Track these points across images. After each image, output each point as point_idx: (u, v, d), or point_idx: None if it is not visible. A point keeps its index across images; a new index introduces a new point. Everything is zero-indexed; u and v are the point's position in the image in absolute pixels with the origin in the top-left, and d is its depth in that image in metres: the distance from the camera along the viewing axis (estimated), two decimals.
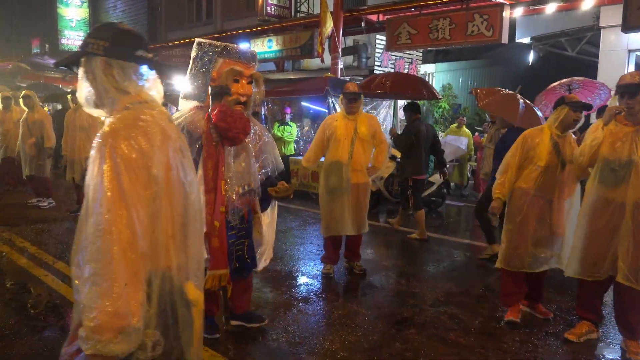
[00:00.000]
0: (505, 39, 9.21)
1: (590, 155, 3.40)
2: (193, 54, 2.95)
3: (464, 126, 10.73)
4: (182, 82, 11.14)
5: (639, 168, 3.21)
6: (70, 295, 4.14)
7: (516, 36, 11.02)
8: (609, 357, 3.43)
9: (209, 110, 2.88)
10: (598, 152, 3.37)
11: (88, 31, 18.58)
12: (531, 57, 11.76)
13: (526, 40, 11.61)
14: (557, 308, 4.23)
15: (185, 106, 3.04)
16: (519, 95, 5.56)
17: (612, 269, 3.38)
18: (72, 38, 22.00)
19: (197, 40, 2.99)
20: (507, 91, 5.82)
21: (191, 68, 2.97)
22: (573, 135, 3.89)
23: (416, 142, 6.37)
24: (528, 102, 5.48)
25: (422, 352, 3.35)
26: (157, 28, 19.63)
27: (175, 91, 14.22)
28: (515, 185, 3.83)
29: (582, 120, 3.77)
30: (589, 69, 10.59)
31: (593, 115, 9.02)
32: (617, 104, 3.34)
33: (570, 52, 11.68)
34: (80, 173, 6.92)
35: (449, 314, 4.02)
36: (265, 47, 13.61)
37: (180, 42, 16.62)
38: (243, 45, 15.14)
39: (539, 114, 5.36)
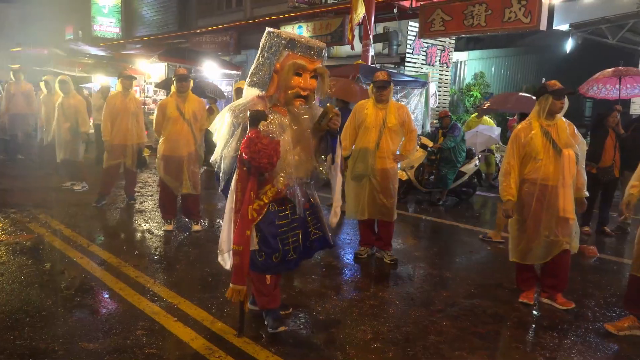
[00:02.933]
0: (543, 25, 8.92)
1: None
2: (262, 42, 2.95)
3: (485, 117, 10.38)
4: (211, 68, 11.16)
5: None
6: (105, 278, 4.20)
7: (554, 23, 10.64)
8: None
9: (247, 134, 2.84)
10: None
11: (120, 17, 18.77)
12: (569, 45, 11.34)
13: (564, 27, 11.19)
14: (596, 304, 4.09)
15: (249, 94, 3.03)
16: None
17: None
18: (105, 24, 22.30)
19: (267, 29, 2.97)
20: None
21: (258, 57, 2.96)
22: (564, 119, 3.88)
23: None
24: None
25: (457, 345, 3.28)
26: (188, 14, 19.70)
27: (205, 78, 14.31)
28: (521, 179, 3.87)
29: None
30: (630, 57, 10.19)
31: (634, 106, 8.69)
32: None
33: (611, 40, 11.23)
34: (132, 158, 6.91)
35: (483, 307, 3.93)
36: (296, 33, 13.52)
37: (211, 28, 16.68)
38: None
39: None
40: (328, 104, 3.15)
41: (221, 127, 3.02)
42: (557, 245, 3.84)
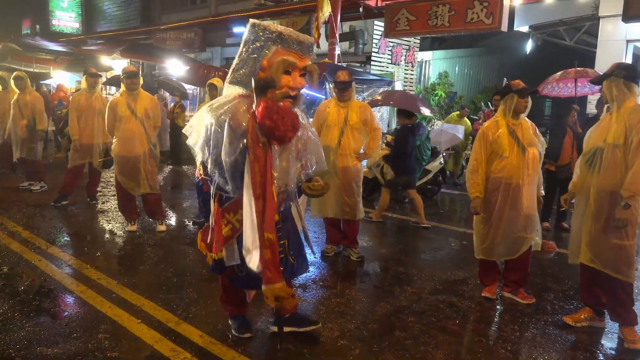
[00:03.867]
0: (504, 27, 9.14)
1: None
2: (245, 36, 2.67)
3: (465, 118, 10.64)
4: (176, 66, 10.92)
5: (604, 154, 3.32)
6: (65, 281, 4.08)
7: (515, 24, 10.93)
8: (611, 346, 3.42)
9: (254, 107, 2.56)
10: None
11: (80, 12, 18.28)
12: (529, 46, 11.69)
13: (524, 28, 11.53)
14: (555, 297, 4.23)
15: (230, 92, 2.74)
16: None
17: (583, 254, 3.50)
18: (64, 19, 21.65)
19: (251, 21, 2.67)
20: None
21: (241, 51, 2.68)
22: (528, 121, 4.00)
23: None
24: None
25: (422, 340, 3.33)
26: (151, 10, 19.31)
27: (170, 75, 14.06)
28: (486, 177, 3.97)
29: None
30: (586, 59, 10.55)
31: (590, 106, 9.02)
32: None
33: (568, 42, 11.64)
34: (98, 158, 6.71)
35: (447, 302, 4.01)
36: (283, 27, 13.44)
37: (175, 24, 16.39)
38: (238, 30, 14.98)
39: None
40: (326, 185, 2.98)
41: (199, 130, 2.74)
42: (523, 242, 3.93)
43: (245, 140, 2.58)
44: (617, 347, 3.41)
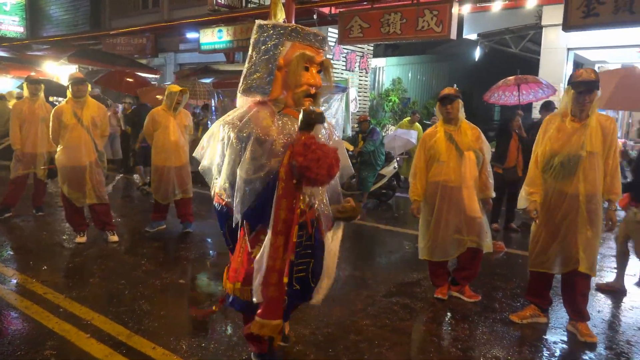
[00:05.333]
0: (454, 34, 9.41)
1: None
2: (253, 38, 2.45)
3: (417, 123, 10.89)
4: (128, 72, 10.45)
5: (587, 161, 3.39)
6: (8, 297, 3.91)
7: (464, 32, 11.30)
8: (554, 340, 3.58)
9: (294, 141, 2.29)
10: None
11: (25, 16, 17.50)
12: (477, 53, 12.09)
13: (473, 36, 11.94)
14: (503, 295, 4.38)
15: (244, 102, 2.51)
16: None
17: (566, 261, 3.55)
18: (7, 23, 20.72)
19: (258, 22, 2.47)
20: None
21: (251, 55, 2.45)
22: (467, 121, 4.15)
23: None
24: None
25: (376, 342, 3.39)
26: (101, 15, 18.80)
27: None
28: (427, 182, 4.10)
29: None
30: (531, 65, 11.01)
31: (535, 111, 9.42)
32: (569, 99, 3.46)
33: (514, 49, 12.10)
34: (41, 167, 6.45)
35: (401, 304, 4.08)
36: (215, 37, 13.31)
37: (126, 30, 16.00)
38: (191, 36, 14.79)
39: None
40: (358, 206, 2.68)
41: (215, 148, 2.50)
42: (462, 244, 4.07)
43: (269, 162, 2.34)
44: (566, 340, 3.56)
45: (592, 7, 7.75)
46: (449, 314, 3.99)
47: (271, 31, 2.40)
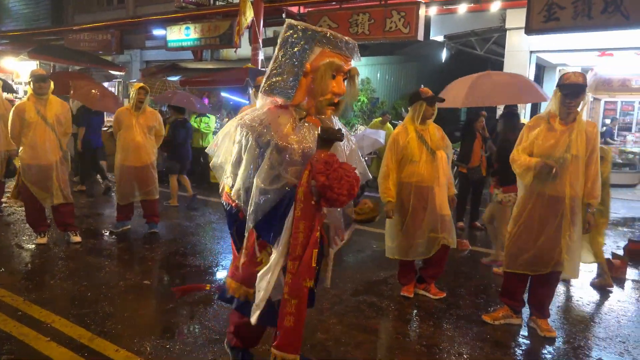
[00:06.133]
0: (421, 36, 9.57)
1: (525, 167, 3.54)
2: (281, 38, 2.33)
3: (388, 123, 10.96)
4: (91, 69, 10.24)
5: (572, 164, 3.43)
6: None
7: (431, 34, 11.47)
8: (515, 335, 3.67)
9: (312, 159, 2.21)
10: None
11: None
12: (444, 54, 12.30)
13: (440, 38, 12.13)
14: (467, 292, 4.48)
15: (264, 103, 2.40)
16: None
17: (546, 263, 3.56)
18: None
19: (288, 21, 2.35)
20: None
21: (277, 56, 2.33)
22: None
23: None
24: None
25: (342, 341, 3.41)
26: (63, 10, 18.28)
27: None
28: (399, 182, 4.11)
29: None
30: (495, 67, 11.26)
31: (499, 111, 9.64)
32: (557, 101, 3.46)
33: (479, 51, 12.36)
34: (0, 167, 6.20)
35: (368, 303, 4.12)
36: (183, 34, 13.14)
37: (90, 25, 15.63)
38: (158, 32, 14.54)
39: None
40: (376, 206, 2.59)
41: (229, 147, 2.41)
42: (437, 242, 4.12)
43: (286, 172, 2.26)
44: (527, 335, 3.66)
45: (553, 11, 8.00)
46: (414, 311, 4.05)
47: (301, 33, 2.28)
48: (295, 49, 2.28)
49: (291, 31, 2.30)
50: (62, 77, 11.60)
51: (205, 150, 2.66)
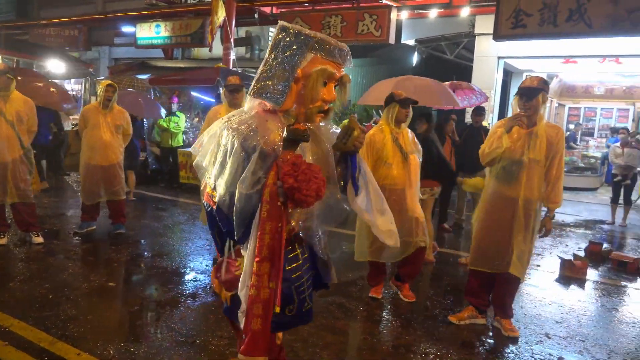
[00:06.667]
0: (392, 39, 9.67)
1: (493, 157, 3.63)
2: (274, 40, 2.22)
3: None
4: (57, 65, 10.13)
5: (528, 168, 3.52)
6: None
7: (402, 38, 11.61)
8: (480, 335, 3.74)
9: (278, 160, 2.16)
10: (498, 157, 3.62)
11: None
12: (415, 58, 12.47)
13: (411, 42, 12.29)
14: (435, 293, 4.54)
15: (251, 105, 2.30)
16: None
17: (500, 263, 3.67)
18: None
19: (281, 23, 2.25)
20: None
21: (268, 59, 2.24)
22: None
23: None
24: None
25: (310, 342, 3.41)
26: (28, 4, 17.75)
27: (51, 73, 13.02)
28: None
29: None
30: (464, 72, 11.49)
31: (467, 115, 9.82)
32: (516, 105, 3.58)
33: (449, 56, 12.58)
34: None
35: (337, 304, 4.13)
36: (153, 32, 12.93)
37: (56, 20, 15.23)
38: (127, 29, 14.27)
39: None
40: (351, 115, 2.43)
41: (214, 149, 2.31)
42: (411, 245, 4.12)
43: (265, 177, 2.18)
44: (492, 335, 3.74)
45: (520, 18, 8.20)
46: (382, 312, 4.08)
47: (294, 37, 2.20)
48: (287, 53, 2.21)
49: (283, 34, 2.22)
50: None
51: (190, 149, 2.59)
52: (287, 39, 2.21)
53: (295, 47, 2.19)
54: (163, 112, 9.40)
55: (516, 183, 3.55)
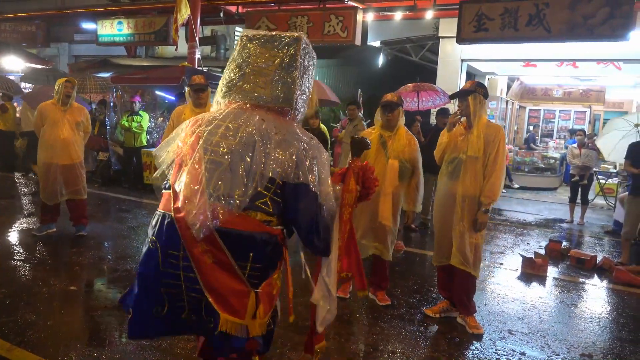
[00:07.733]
0: (358, 40, 9.73)
1: (439, 156, 3.95)
2: (302, 52, 2.16)
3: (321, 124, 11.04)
4: (13, 62, 9.85)
5: (466, 164, 3.71)
6: None
7: (368, 39, 11.71)
8: (446, 332, 3.81)
9: (354, 167, 2.34)
10: (444, 153, 3.90)
11: None
12: (381, 59, 12.59)
13: (377, 43, 12.41)
14: (402, 292, 4.60)
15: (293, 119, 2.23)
16: None
17: (447, 256, 3.88)
18: None
19: (302, 36, 2.19)
20: None
21: (300, 74, 2.17)
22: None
23: None
24: None
25: (279, 342, 3.39)
26: None
27: (7, 74, 12.52)
28: None
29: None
30: (429, 74, 11.67)
31: (432, 117, 9.99)
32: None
33: (414, 58, 12.76)
34: None
35: (305, 304, 4.12)
36: (115, 29, 12.62)
37: (12, 15, 14.68)
38: (88, 26, 13.88)
39: None
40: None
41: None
42: (367, 249, 4.14)
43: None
44: (457, 332, 3.81)
45: (483, 22, 8.41)
46: (350, 311, 4.10)
47: (310, 52, 2.25)
48: (310, 68, 2.25)
49: (308, 48, 2.24)
50: None
51: (153, 150, 2.51)
52: (309, 54, 2.25)
53: (312, 62, 2.28)
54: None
55: (456, 179, 3.76)
